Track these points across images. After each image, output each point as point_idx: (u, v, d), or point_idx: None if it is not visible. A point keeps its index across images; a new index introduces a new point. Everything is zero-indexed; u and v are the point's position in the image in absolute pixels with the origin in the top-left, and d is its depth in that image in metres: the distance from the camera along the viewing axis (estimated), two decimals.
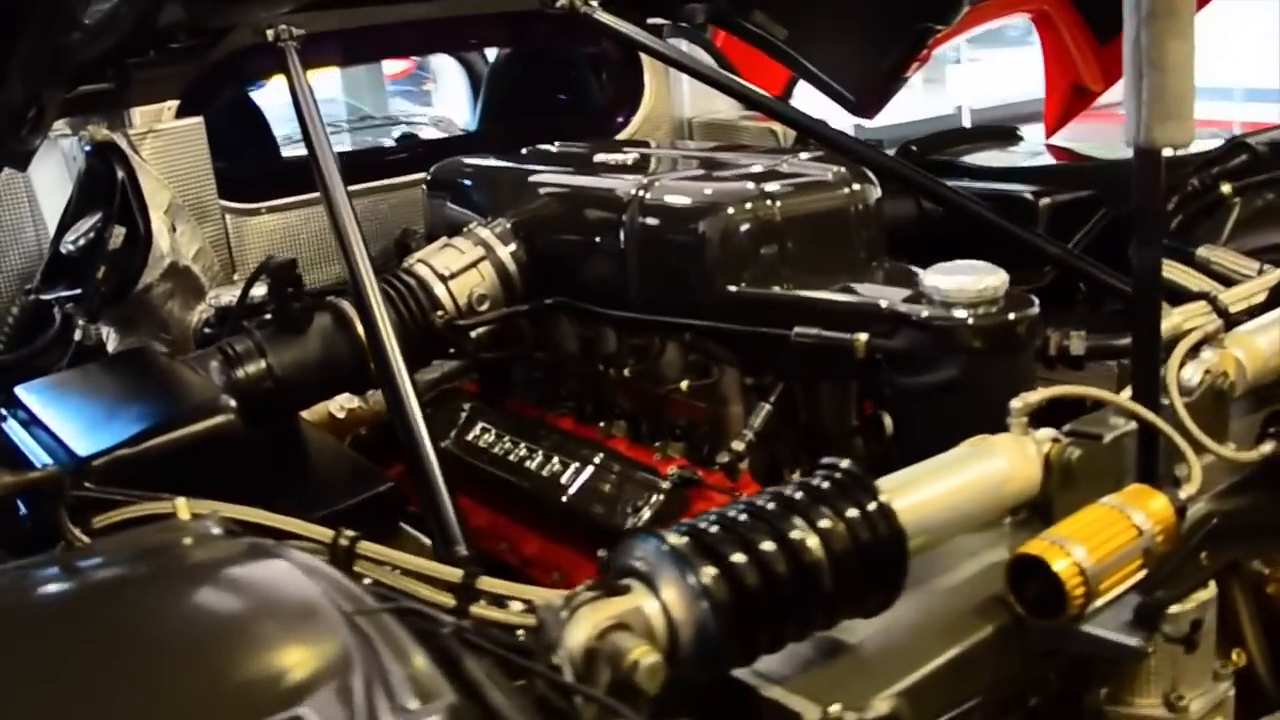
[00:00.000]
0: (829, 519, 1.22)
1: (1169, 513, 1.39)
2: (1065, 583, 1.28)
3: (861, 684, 1.26)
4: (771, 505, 1.23)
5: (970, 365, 1.72)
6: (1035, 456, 1.45)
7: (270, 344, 1.98)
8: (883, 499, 1.26)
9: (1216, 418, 1.68)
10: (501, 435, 2.23)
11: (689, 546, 1.15)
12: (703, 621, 1.12)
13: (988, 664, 1.33)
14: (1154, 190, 1.48)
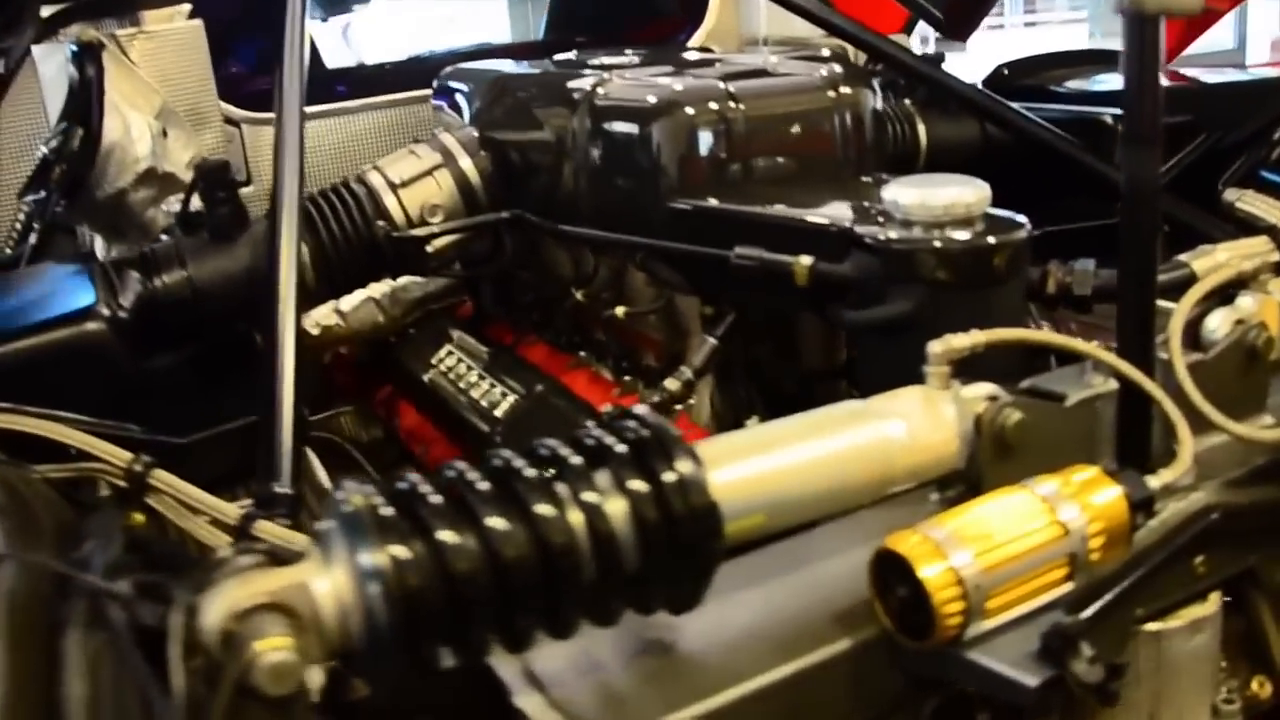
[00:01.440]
0: (599, 489, 0.86)
1: (1118, 508, 0.96)
2: (932, 595, 0.88)
3: (651, 701, 0.90)
4: (527, 467, 0.87)
5: (929, 299, 1.28)
6: (953, 419, 1.03)
7: (192, 253, 1.72)
8: (685, 467, 0.88)
9: (1248, 383, 1.21)
10: (460, 360, 1.92)
11: (371, 514, 0.81)
12: (372, 611, 0.78)
13: (838, 688, 0.94)
14: (1148, 64, 1.02)
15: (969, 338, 1.06)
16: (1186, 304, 1.17)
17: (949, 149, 2.17)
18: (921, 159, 2.16)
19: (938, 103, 2.18)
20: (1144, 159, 1.06)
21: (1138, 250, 1.09)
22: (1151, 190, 1.07)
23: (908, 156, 2.14)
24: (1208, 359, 1.18)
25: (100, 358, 1.46)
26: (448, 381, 1.92)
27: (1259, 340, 1.20)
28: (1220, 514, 1.11)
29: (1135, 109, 1.05)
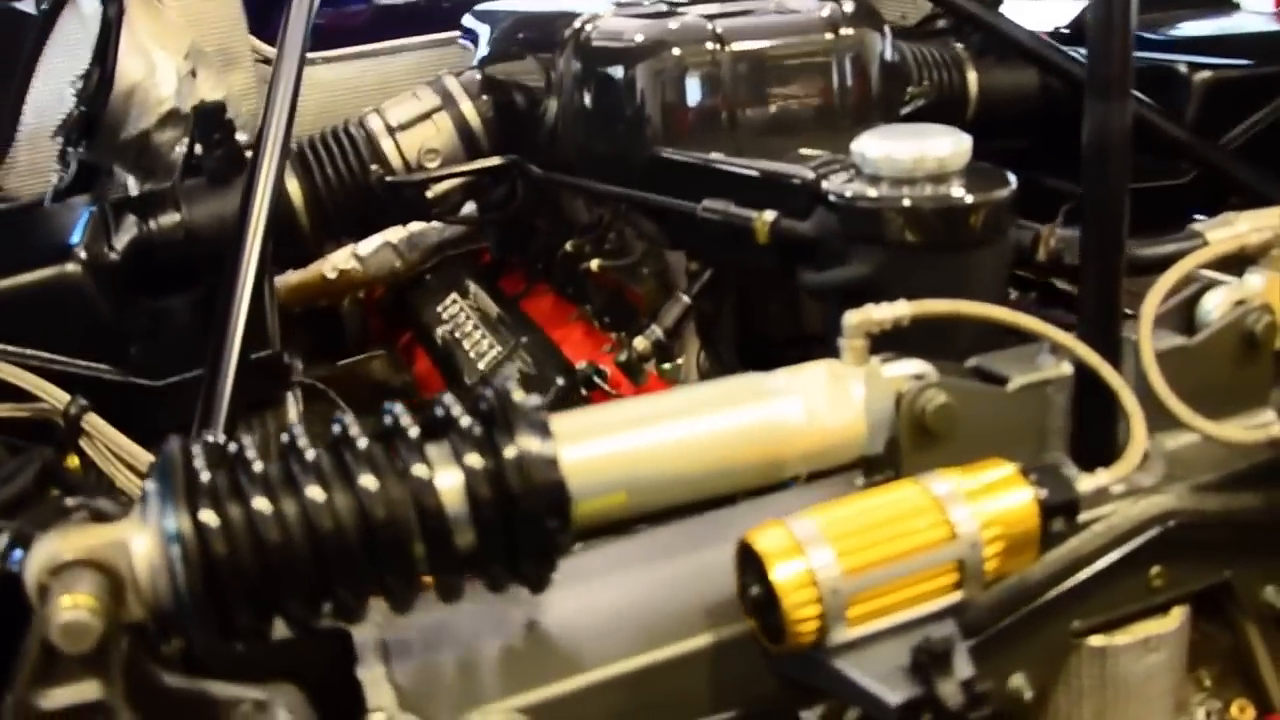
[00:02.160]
0: (432, 461, 0.81)
1: (1024, 512, 0.85)
2: (783, 597, 0.80)
3: (492, 683, 0.85)
4: (361, 437, 0.82)
5: (891, 263, 1.18)
6: (860, 400, 0.93)
7: (189, 196, 1.72)
8: (525, 442, 0.82)
9: (1246, 374, 1.07)
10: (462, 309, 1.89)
11: (186, 475, 0.78)
12: (174, 575, 0.76)
13: (698, 684, 0.88)
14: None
15: (891, 309, 0.96)
16: (1166, 281, 1.04)
17: (1004, 99, 2.01)
18: (971, 109, 2.01)
19: (994, 48, 2.02)
20: (1110, 112, 0.94)
21: (1101, 217, 0.97)
22: (1119, 149, 0.94)
23: (955, 106, 1.99)
24: (1191, 344, 1.05)
25: (76, 300, 1.48)
26: (447, 330, 1.89)
27: (1258, 325, 1.06)
28: (1179, 522, 0.99)
29: (1100, 52, 0.93)
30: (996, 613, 0.95)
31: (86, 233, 1.58)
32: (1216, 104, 1.92)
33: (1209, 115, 1.92)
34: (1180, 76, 1.94)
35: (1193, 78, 1.93)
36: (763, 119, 1.51)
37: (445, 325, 1.91)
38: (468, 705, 0.83)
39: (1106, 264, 0.97)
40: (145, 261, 1.65)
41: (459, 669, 0.87)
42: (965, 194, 1.17)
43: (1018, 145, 2.17)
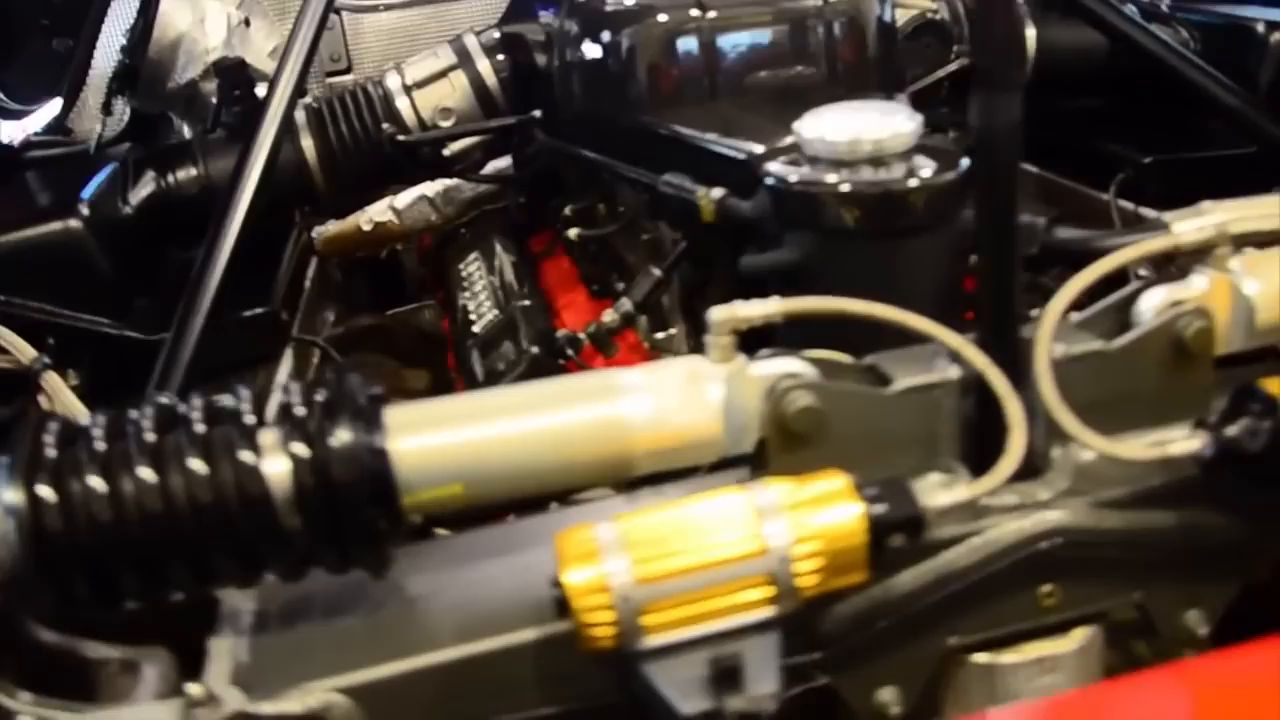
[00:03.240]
0: (261, 447, 0.86)
1: (849, 528, 0.84)
2: (572, 601, 0.82)
3: (321, 664, 0.90)
4: (200, 421, 0.88)
5: (823, 248, 1.15)
6: (717, 399, 0.93)
7: (209, 150, 1.81)
8: (351, 432, 0.86)
9: (1178, 382, 1.01)
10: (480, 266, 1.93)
11: (30, 449, 0.85)
12: (9, 546, 0.83)
13: (523, 678, 0.91)
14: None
15: (761, 306, 0.95)
16: (1081, 280, 0.98)
17: (1065, 58, 1.90)
18: (1027, 69, 1.91)
19: (1060, 3, 1.92)
20: (997, 105, 0.89)
21: (994, 214, 0.93)
22: (1008, 144, 0.90)
23: None
24: (1110, 349, 1.00)
25: (77, 255, 1.58)
26: (461, 288, 1.95)
27: (1189, 330, 1.00)
28: (1070, 539, 0.95)
29: (988, 42, 0.88)
30: (858, 624, 0.95)
31: (100, 188, 1.68)
32: None
33: None
34: (1256, 35, 1.80)
35: (1270, 37, 1.79)
36: (749, 88, 1.48)
37: (463, 283, 1.96)
38: (296, 682, 0.88)
39: (1000, 263, 0.93)
40: (162, 216, 1.75)
41: (299, 645, 0.93)
42: (904, 177, 1.14)
43: (1091, 105, 2.09)
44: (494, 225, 2.11)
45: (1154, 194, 1.82)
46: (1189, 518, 0.99)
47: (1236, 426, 0.92)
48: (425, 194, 2.14)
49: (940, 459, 0.99)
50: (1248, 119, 1.61)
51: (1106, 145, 1.92)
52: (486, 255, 1.99)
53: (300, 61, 1.66)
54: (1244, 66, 1.80)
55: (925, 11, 1.83)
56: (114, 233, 1.66)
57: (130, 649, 0.96)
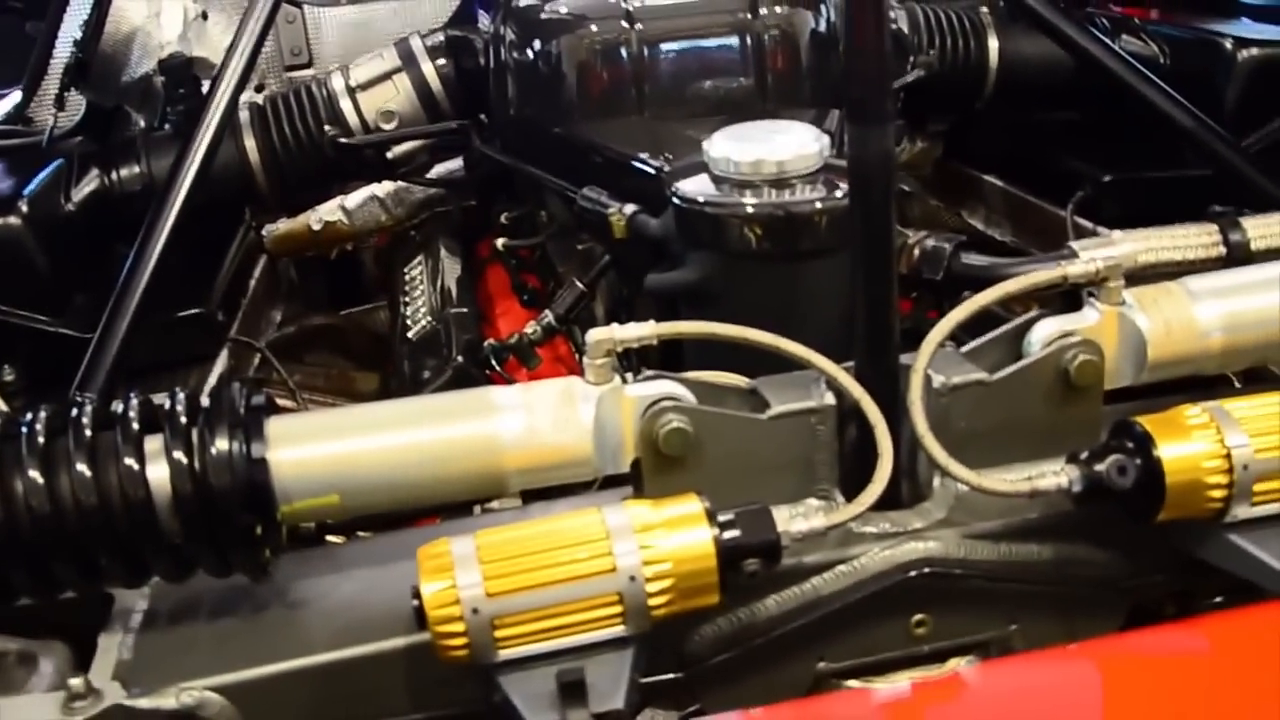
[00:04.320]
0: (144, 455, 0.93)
1: (697, 551, 0.90)
2: (428, 614, 0.88)
3: (201, 663, 0.97)
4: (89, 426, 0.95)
5: (725, 269, 1.20)
6: (587, 420, 0.99)
7: (152, 147, 1.88)
8: (229, 442, 0.93)
9: (1066, 414, 1.07)
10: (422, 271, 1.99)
11: None
12: None
13: (391, 684, 0.97)
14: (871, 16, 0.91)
15: (636, 329, 1.01)
16: (961, 312, 1.04)
17: (1030, 72, 1.96)
18: (990, 81, 1.96)
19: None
20: (868, 137, 0.95)
21: (869, 244, 0.99)
22: (881, 175, 0.96)
23: (971, 77, 1.95)
24: (991, 380, 1.06)
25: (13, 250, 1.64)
26: (403, 292, 2.01)
27: (1074, 363, 1.05)
28: (937, 569, 1.01)
29: (857, 74, 0.94)
30: (724, 645, 1.01)
31: (43, 184, 1.75)
32: (1264, 86, 1.83)
33: (1253, 99, 1.83)
34: (1224, 52, 1.85)
35: (1237, 54, 1.84)
36: (678, 101, 1.54)
37: (404, 286, 2.02)
38: (175, 679, 0.95)
39: (875, 292, 0.99)
40: (105, 213, 1.82)
41: (183, 644, 1.01)
42: (804, 200, 1.19)
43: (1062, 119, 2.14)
44: (442, 229, 2.17)
45: (1112, 213, 1.88)
46: (1065, 551, 1.05)
47: (1106, 462, 0.97)
48: (376, 194, 2.20)
49: (818, 485, 1.05)
50: (1202, 140, 1.66)
51: (1070, 161, 1.97)
52: (431, 259, 2.05)
53: (244, 60, 1.73)
54: (1212, 83, 1.86)
55: None
56: (54, 229, 1.72)
57: (29, 642, 1.03)
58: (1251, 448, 0.97)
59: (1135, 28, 2.02)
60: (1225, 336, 1.08)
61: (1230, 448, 0.96)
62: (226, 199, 1.89)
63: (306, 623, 1.01)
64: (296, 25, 2.55)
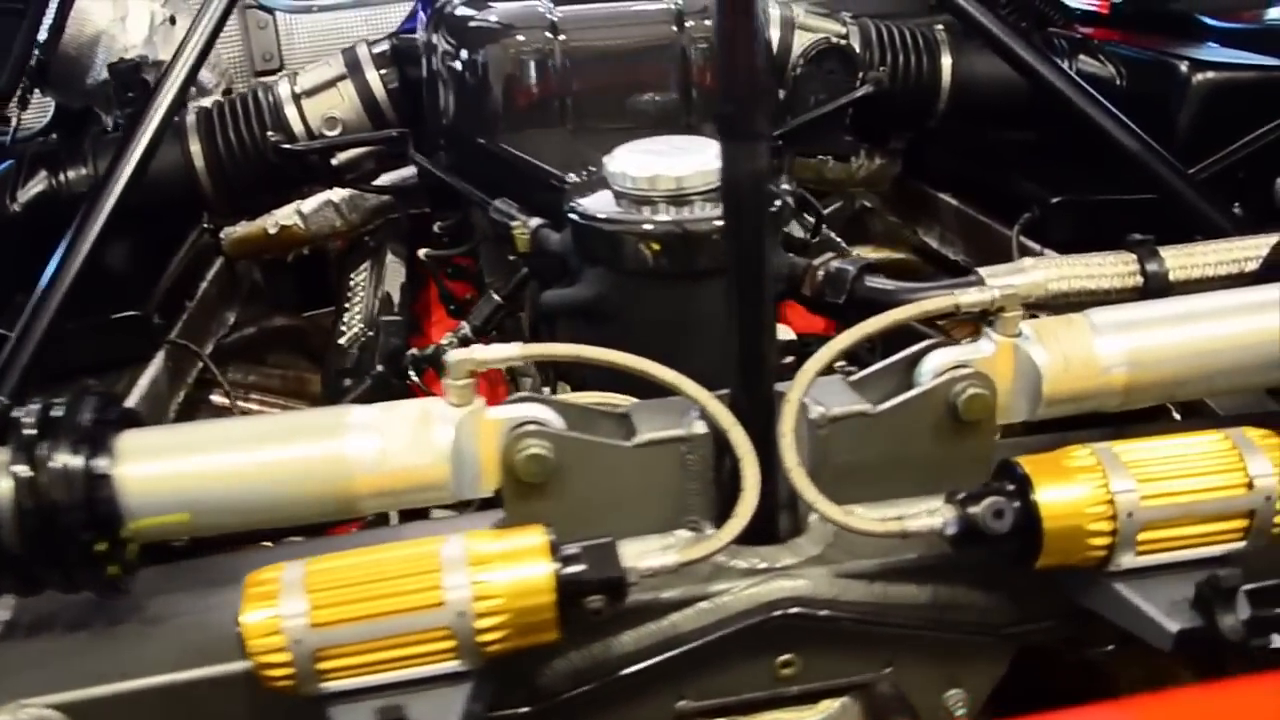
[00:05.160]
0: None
1: (533, 586, 0.83)
2: (247, 643, 0.82)
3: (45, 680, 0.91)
4: None
5: (619, 287, 1.13)
6: (444, 442, 0.92)
7: (100, 149, 1.82)
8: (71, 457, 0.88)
9: (961, 448, 0.99)
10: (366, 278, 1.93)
11: None
12: None
13: (224, 710, 0.90)
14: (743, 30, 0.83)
15: (499, 350, 0.94)
16: (840, 342, 0.96)
17: (984, 90, 1.87)
18: (943, 98, 1.88)
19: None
20: (743, 154, 0.88)
21: (742, 266, 0.91)
22: (753, 195, 0.89)
23: (923, 94, 1.87)
24: (875, 412, 0.98)
25: None
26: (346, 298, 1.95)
27: (961, 397, 0.97)
28: (805, 608, 0.93)
29: (729, 90, 0.86)
30: (577, 681, 0.94)
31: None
32: (1219, 111, 1.74)
33: (1208, 124, 1.74)
34: (1178, 75, 1.77)
35: (1193, 78, 1.75)
36: (599, 114, 1.47)
37: (347, 292, 1.96)
38: (18, 694, 0.89)
39: (750, 316, 0.92)
40: (50, 215, 1.76)
41: (33, 658, 0.94)
42: (701, 218, 1.12)
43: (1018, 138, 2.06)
44: (392, 235, 2.11)
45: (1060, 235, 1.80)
46: (946, 593, 0.97)
47: (983, 505, 0.89)
48: (331, 200, 2.13)
49: (688, 516, 0.98)
50: (1146, 164, 1.57)
51: (1020, 182, 1.90)
52: (377, 265, 1.99)
53: (189, 64, 1.67)
54: (1166, 107, 1.77)
55: (830, 36, 1.81)
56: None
57: None
58: (1137, 494, 0.89)
59: (1094, 49, 1.93)
60: (1128, 373, 1.01)
61: (1114, 493, 0.89)
62: (172, 202, 1.83)
63: (157, 641, 0.95)
64: (268, 30, 2.51)
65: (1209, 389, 1.05)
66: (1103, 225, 1.77)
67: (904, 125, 1.95)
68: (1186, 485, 0.90)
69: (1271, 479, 0.91)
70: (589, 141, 1.41)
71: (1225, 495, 0.90)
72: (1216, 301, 1.06)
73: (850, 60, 1.80)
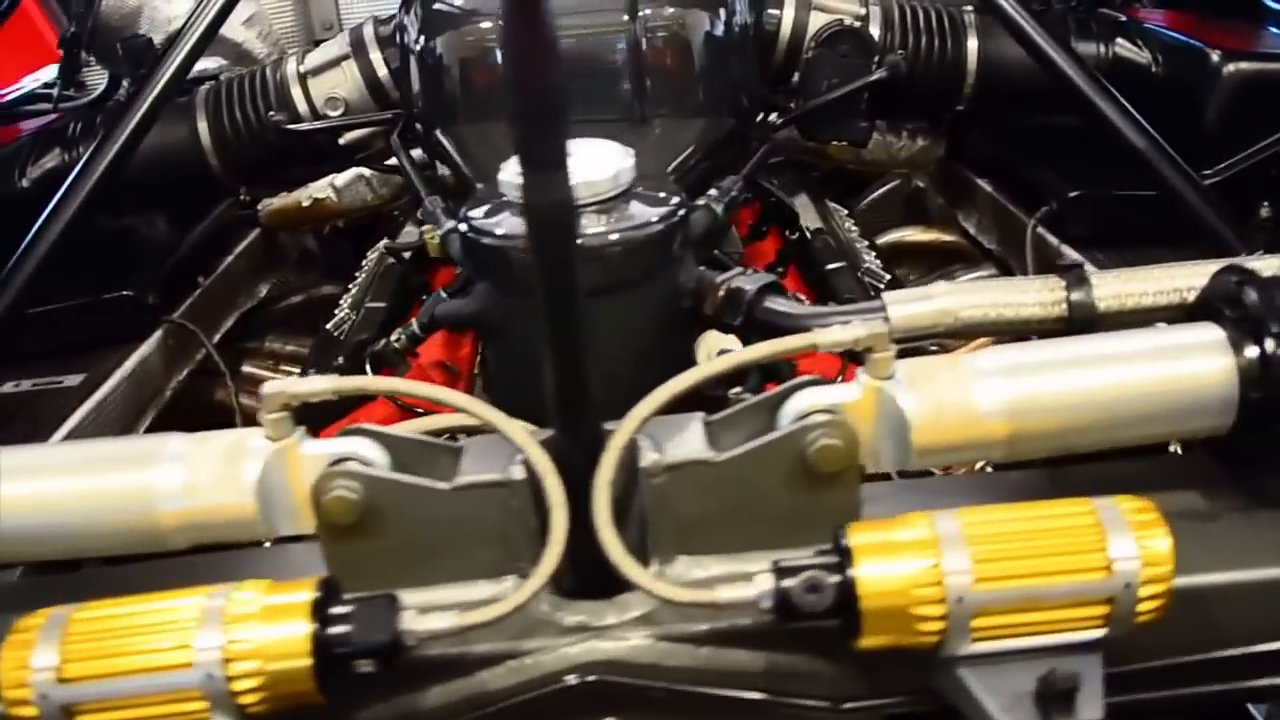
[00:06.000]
0: None
1: (292, 647, 0.77)
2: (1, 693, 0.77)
3: None
4: None
5: (500, 303, 1.04)
6: (250, 478, 0.86)
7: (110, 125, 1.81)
8: None
9: (822, 501, 0.87)
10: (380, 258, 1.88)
11: None
12: None
13: None
14: (537, 39, 0.73)
15: (309, 383, 0.87)
16: (679, 384, 0.85)
17: (1012, 74, 1.69)
18: (969, 83, 1.70)
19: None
20: (544, 183, 0.77)
21: (553, 299, 0.81)
22: (560, 223, 0.78)
23: (947, 79, 1.70)
24: (718, 460, 0.87)
25: None
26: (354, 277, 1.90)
27: (812, 446, 0.85)
28: (620, 673, 0.84)
29: (522, 115, 0.76)
30: None
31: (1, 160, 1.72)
32: (1252, 105, 1.52)
33: (1239, 118, 1.53)
34: (1209, 64, 1.55)
35: (1224, 68, 1.53)
36: None
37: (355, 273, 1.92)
38: None
39: (563, 354, 0.82)
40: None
41: None
42: (591, 232, 1.02)
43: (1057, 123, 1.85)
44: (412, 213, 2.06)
45: (1078, 230, 1.62)
46: (782, 663, 0.86)
47: (800, 578, 0.78)
48: (363, 174, 2.11)
49: (517, 562, 0.89)
50: (1150, 163, 1.38)
51: (1043, 171, 1.71)
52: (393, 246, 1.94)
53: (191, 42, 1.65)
54: (1195, 99, 1.57)
55: (845, 17, 1.65)
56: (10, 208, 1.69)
57: None
58: (971, 576, 0.76)
59: (1134, 32, 1.72)
60: (1010, 422, 0.87)
61: (946, 574, 0.76)
62: (184, 180, 1.82)
63: None
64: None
65: (1110, 441, 0.90)
66: (1122, 222, 1.60)
67: (926, 109, 1.78)
68: (1031, 567, 0.77)
69: (1134, 563, 0.77)
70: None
71: (1078, 580, 0.77)
72: (1123, 344, 0.90)
73: (865, 43, 1.64)
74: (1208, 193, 1.39)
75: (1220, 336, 0.90)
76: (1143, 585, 0.77)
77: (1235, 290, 0.92)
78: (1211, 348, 0.90)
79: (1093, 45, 1.74)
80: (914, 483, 1.08)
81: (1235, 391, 0.89)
